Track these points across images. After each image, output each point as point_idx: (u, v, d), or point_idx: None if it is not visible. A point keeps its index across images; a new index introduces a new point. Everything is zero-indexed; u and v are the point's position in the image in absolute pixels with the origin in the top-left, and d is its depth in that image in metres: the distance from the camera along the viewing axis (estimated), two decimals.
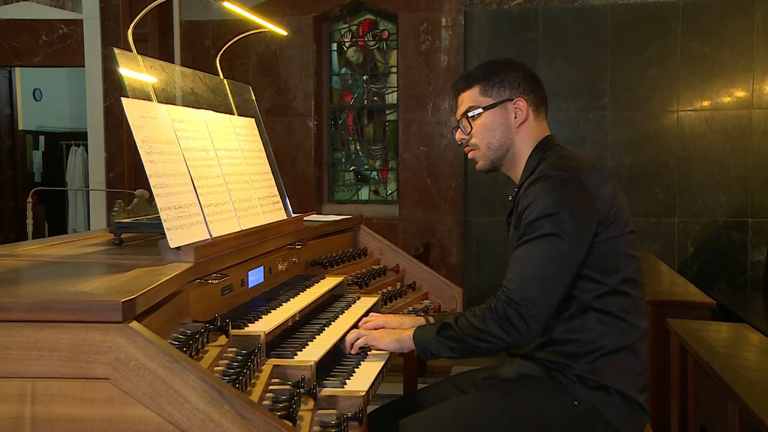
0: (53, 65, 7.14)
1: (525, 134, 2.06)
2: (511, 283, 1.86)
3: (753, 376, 2.26)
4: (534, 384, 1.93)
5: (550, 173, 1.92)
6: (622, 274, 1.92)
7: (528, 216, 1.89)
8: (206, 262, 1.80)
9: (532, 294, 1.82)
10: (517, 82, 2.06)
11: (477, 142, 2.10)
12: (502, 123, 2.06)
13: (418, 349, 1.99)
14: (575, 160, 1.99)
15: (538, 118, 2.09)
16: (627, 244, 1.94)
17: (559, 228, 1.83)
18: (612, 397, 1.88)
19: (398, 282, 3.07)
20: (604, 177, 1.97)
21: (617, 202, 1.93)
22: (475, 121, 2.08)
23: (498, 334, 1.85)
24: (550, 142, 2.07)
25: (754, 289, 5.81)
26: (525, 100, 2.05)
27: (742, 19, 5.83)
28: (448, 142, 6.30)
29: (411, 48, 6.38)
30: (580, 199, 1.88)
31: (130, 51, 1.99)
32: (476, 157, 2.13)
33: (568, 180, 1.89)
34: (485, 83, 2.07)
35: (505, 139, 2.06)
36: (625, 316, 1.91)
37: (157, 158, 1.78)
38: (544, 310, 1.83)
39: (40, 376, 1.27)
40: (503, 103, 2.06)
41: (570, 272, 1.86)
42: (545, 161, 2.00)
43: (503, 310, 1.84)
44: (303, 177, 6.61)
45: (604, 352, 1.89)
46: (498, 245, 6.02)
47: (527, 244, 1.87)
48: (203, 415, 1.25)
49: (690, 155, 5.96)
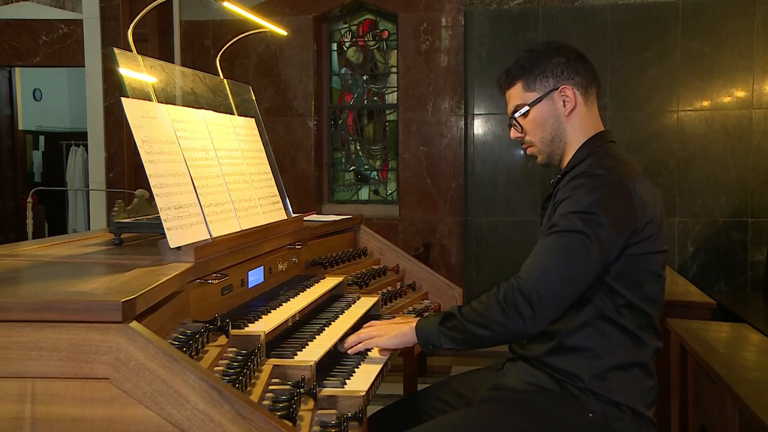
0: (53, 65, 7.15)
1: (576, 122, 1.98)
2: (526, 273, 1.79)
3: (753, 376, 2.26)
4: (547, 396, 1.87)
5: (596, 171, 1.84)
6: (644, 291, 1.86)
7: (563, 208, 1.82)
8: (206, 262, 1.80)
9: (546, 286, 1.75)
10: (560, 68, 1.97)
11: (531, 139, 2.03)
12: (552, 114, 1.98)
13: (420, 340, 1.93)
14: (626, 163, 1.90)
15: (588, 101, 2.00)
16: (656, 262, 1.88)
17: (591, 228, 1.76)
18: (624, 413, 1.83)
19: (398, 282, 3.07)
20: (653, 187, 1.91)
21: (658, 218, 1.87)
22: (525, 119, 2.01)
23: (500, 320, 1.78)
24: (604, 138, 1.99)
25: (754, 289, 5.81)
26: (571, 87, 1.96)
27: (742, 19, 5.83)
28: (448, 142, 6.30)
29: (411, 48, 6.38)
30: (621, 206, 1.80)
31: (130, 51, 1.99)
32: (534, 153, 2.06)
33: (614, 183, 1.82)
34: (527, 77, 1.99)
35: (557, 131, 1.99)
36: (639, 333, 1.86)
37: (157, 158, 1.78)
38: (554, 304, 1.76)
39: (40, 376, 1.27)
40: (549, 94, 1.97)
41: (591, 276, 1.79)
42: (594, 156, 1.93)
43: (512, 295, 1.76)
44: (303, 177, 6.61)
45: (615, 365, 1.84)
46: (498, 245, 6.02)
47: (554, 236, 1.80)
48: (203, 415, 1.25)
49: (690, 155, 5.96)
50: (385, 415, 2.23)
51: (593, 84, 2.01)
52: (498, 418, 1.86)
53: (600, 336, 1.85)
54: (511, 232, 6.00)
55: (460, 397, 2.13)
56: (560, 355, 1.87)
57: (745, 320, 4.19)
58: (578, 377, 1.85)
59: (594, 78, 2.02)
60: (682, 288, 3.83)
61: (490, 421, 1.86)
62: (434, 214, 6.34)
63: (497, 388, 1.99)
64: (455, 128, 6.30)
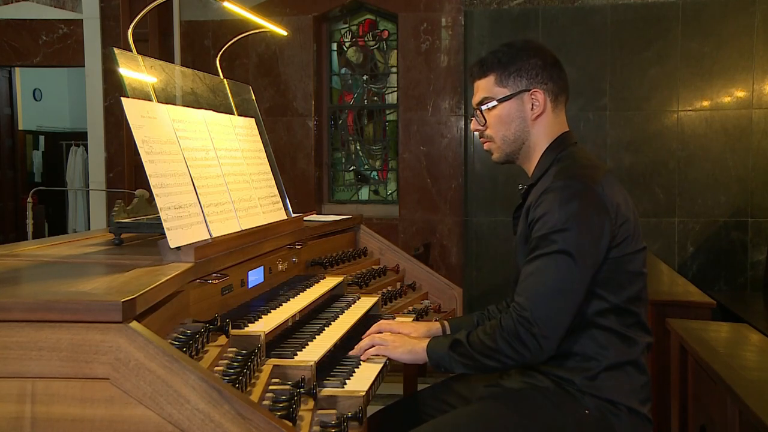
0: (53, 65, 7.14)
1: (541, 127, 1.98)
2: (523, 301, 1.80)
3: (753, 376, 2.26)
4: (544, 394, 1.88)
5: (564, 183, 1.84)
6: (628, 293, 1.86)
7: (540, 229, 1.83)
8: (206, 262, 1.80)
9: (544, 313, 1.77)
10: (535, 70, 1.96)
11: (492, 134, 2.03)
12: (518, 115, 1.98)
13: (431, 362, 1.95)
14: (591, 166, 1.91)
15: (557, 109, 2.00)
16: (636, 261, 1.88)
17: (572, 245, 1.77)
18: (619, 411, 1.84)
19: (398, 282, 3.07)
20: (619, 186, 1.92)
21: (631, 217, 1.88)
22: (490, 113, 2.00)
23: (509, 354, 1.80)
24: (567, 140, 1.99)
25: (754, 289, 5.81)
26: (543, 91, 1.96)
27: (742, 19, 5.83)
28: (448, 142, 6.30)
29: (411, 48, 6.38)
30: (595, 215, 1.81)
31: (130, 51, 1.99)
32: (491, 149, 2.06)
33: (583, 192, 1.82)
34: (501, 72, 1.98)
35: (521, 132, 1.99)
36: (626, 332, 1.87)
37: (157, 158, 1.78)
38: (557, 329, 1.78)
39: (40, 376, 1.27)
40: (519, 94, 1.97)
41: (582, 289, 1.80)
42: (559, 162, 1.93)
43: (515, 328, 1.79)
44: (303, 177, 6.61)
45: (605, 367, 1.85)
46: (498, 245, 6.01)
47: (539, 261, 1.81)
48: (203, 415, 1.25)
49: (690, 155, 5.96)
50: (385, 415, 2.23)
51: (563, 93, 2.02)
52: (495, 415, 1.87)
53: (589, 340, 1.86)
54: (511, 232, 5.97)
55: (460, 397, 2.13)
56: (552, 361, 1.88)
57: (745, 320, 4.19)
58: (571, 381, 1.86)
59: (565, 86, 2.02)
60: (682, 288, 3.83)
61: (488, 418, 1.87)
62: (434, 214, 6.33)
63: (495, 387, 2.01)
64: (455, 128, 6.30)
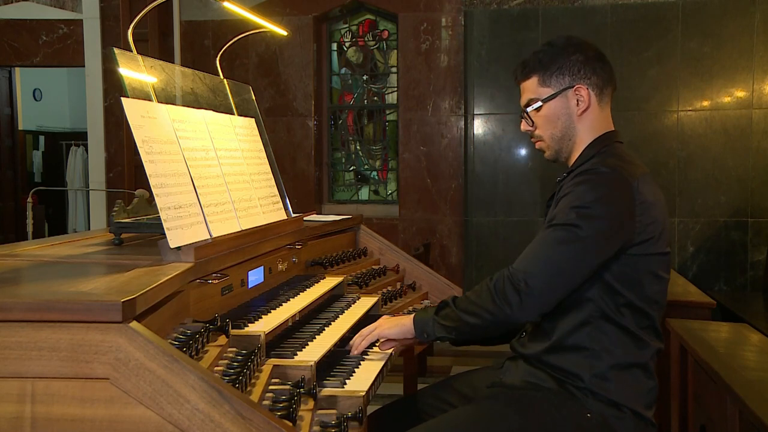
0: (53, 65, 7.15)
1: (588, 122, 1.98)
2: (519, 262, 1.82)
3: (753, 376, 2.26)
4: (545, 394, 1.87)
5: (600, 169, 1.84)
6: (645, 292, 1.85)
7: (564, 203, 1.83)
8: (206, 262, 1.80)
9: (536, 276, 1.77)
10: (576, 66, 1.96)
11: (541, 134, 2.03)
12: (564, 113, 1.98)
13: (416, 330, 1.96)
14: (631, 163, 1.90)
15: (602, 102, 1.99)
16: (658, 264, 1.88)
17: (588, 223, 1.77)
18: (624, 414, 1.83)
19: (398, 282, 3.07)
20: (657, 188, 1.91)
21: (661, 220, 1.87)
22: (537, 113, 2.01)
23: (489, 307, 1.81)
24: (611, 138, 1.99)
25: (754, 289, 5.81)
26: (586, 86, 1.96)
27: (742, 19, 5.83)
28: (448, 142, 6.30)
29: (411, 48, 6.38)
30: (622, 204, 1.80)
31: (130, 51, 1.99)
32: (542, 148, 2.06)
33: (617, 181, 1.82)
34: (542, 72, 1.98)
35: (568, 129, 1.99)
36: (639, 333, 1.85)
37: (157, 158, 1.78)
38: (542, 295, 1.78)
39: (40, 376, 1.27)
40: (563, 92, 1.97)
41: (584, 271, 1.79)
42: (600, 155, 1.93)
43: (502, 283, 1.80)
44: (303, 177, 6.61)
45: (615, 365, 1.83)
46: (498, 245, 6.01)
47: (551, 229, 1.82)
48: (203, 415, 1.25)
49: (690, 155, 5.96)
50: (385, 414, 2.23)
51: (609, 84, 2.01)
52: (496, 415, 1.87)
53: (600, 335, 1.84)
54: (511, 232, 6.00)
55: (460, 397, 2.12)
56: (560, 354, 1.87)
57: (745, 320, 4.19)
58: (578, 376, 1.84)
59: (610, 78, 2.01)
60: (682, 288, 3.83)
61: (488, 418, 1.87)
62: (434, 214, 6.34)
63: (496, 386, 2.00)
64: (455, 128, 6.30)
